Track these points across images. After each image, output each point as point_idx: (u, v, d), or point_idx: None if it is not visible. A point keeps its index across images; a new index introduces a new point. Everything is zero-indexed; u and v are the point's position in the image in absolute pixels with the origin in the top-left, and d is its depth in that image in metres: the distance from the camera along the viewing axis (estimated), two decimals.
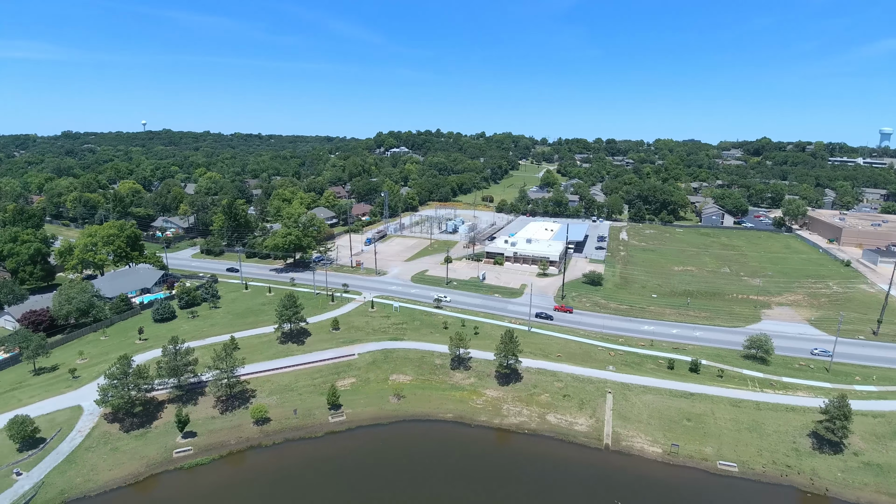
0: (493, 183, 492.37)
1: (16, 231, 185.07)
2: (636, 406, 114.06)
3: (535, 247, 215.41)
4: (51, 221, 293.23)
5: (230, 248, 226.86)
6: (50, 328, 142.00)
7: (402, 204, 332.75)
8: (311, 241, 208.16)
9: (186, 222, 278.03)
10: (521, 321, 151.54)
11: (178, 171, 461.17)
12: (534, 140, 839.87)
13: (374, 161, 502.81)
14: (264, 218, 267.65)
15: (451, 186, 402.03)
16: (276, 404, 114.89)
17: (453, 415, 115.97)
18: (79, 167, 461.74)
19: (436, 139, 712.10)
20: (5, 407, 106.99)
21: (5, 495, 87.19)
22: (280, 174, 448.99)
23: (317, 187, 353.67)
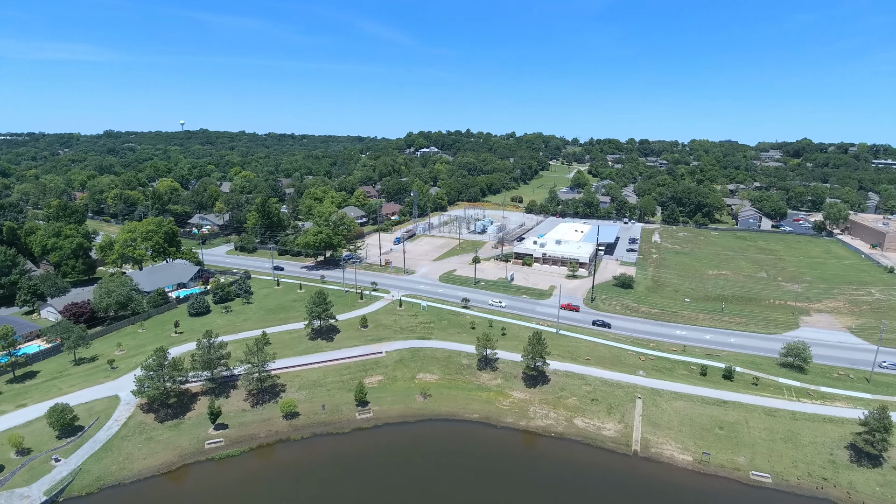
0: (522, 183, 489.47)
1: (59, 226, 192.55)
2: (667, 412, 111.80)
3: (564, 248, 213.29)
4: (93, 217, 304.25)
5: (263, 245, 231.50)
6: (90, 320, 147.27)
7: (431, 204, 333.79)
8: (342, 240, 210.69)
9: (222, 220, 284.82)
10: (550, 323, 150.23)
11: (214, 169, 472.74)
12: (564, 140, 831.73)
13: (404, 161, 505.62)
14: (296, 216, 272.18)
15: (481, 186, 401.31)
16: (305, 399, 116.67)
17: (479, 415, 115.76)
18: (120, 165, 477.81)
19: (465, 139, 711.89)
20: (46, 395, 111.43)
21: (44, 480, 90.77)
22: (312, 173, 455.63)
23: (347, 187, 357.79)
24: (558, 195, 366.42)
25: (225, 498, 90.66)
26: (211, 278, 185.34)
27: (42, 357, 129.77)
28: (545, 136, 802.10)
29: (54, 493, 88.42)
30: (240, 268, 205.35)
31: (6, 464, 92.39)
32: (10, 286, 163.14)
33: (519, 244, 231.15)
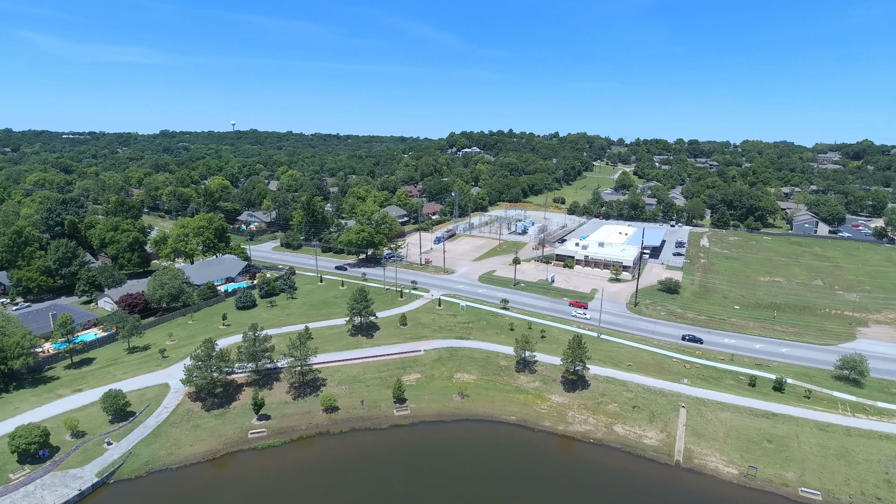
0: (565, 184, 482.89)
1: (117, 220, 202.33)
2: (712, 423, 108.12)
3: (607, 251, 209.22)
4: (148, 213, 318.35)
5: (307, 242, 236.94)
6: (144, 311, 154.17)
7: (472, 204, 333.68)
8: (383, 238, 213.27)
9: (269, 217, 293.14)
10: (591, 326, 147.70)
11: (262, 168, 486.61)
12: (609, 140, 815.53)
13: (446, 161, 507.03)
14: (339, 215, 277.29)
15: (522, 187, 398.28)
16: (345, 394, 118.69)
17: (516, 417, 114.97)
18: (174, 164, 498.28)
19: (508, 139, 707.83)
20: (101, 381, 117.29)
21: (96, 462, 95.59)
22: (356, 173, 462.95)
23: (390, 186, 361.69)
24: (602, 196, 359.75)
25: (266, 488, 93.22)
26: (258, 273, 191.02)
27: (98, 345, 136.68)
28: (589, 136, 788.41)
29: (105, 475, 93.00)
30: (285, 264, 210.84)
31: (62, 445, 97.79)
32: (71, 277, 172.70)
33: (560, 246, 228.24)
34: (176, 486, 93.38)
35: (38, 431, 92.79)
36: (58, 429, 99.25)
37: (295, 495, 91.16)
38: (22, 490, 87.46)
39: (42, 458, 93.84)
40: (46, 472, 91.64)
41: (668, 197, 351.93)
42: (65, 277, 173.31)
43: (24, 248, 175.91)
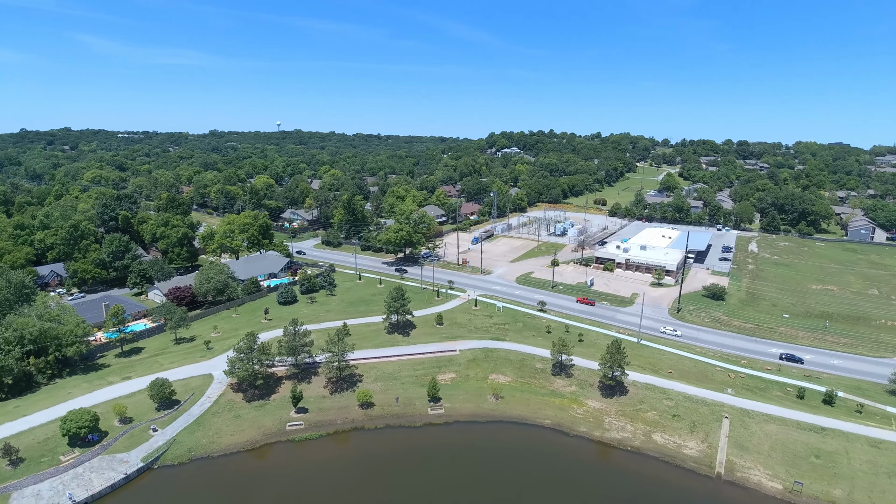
0: (606, 185, 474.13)
1: (167, 217, 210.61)
2: (756, 435, 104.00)
3: (649, 254, 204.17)
4: (197, 209, 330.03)
5: (347, 240, 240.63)
6: (191, 303, 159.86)
7: (511, 204, 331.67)
8: (421, 238, 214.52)
9: (311, 215, 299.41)
10: (631, 332, 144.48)
11: (305, 167, 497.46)
12: (654, 141, 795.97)
13: (485, 161, 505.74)
14: (379, 213, 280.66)
15: (562, 188, 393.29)
16: (380, 391, 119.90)
17: (551, 421, 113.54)
18: (222, 162, 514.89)
19: (548, 140, 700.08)
20: (149, 370, 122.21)
21: (142, 448, 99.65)
22: (395, 172, 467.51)
23: (429, 186, 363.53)
24: (645, 198, 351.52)
25: (303, 479, 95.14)
26: (299, 270, 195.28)
27: (147, 335, 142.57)
28: (633, 136, 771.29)
29: (150, 460, 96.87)
30: (325, 261, 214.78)
31: (110, 430, 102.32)
32: (123, 269, 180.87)
33: (601, 248, 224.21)
34: (216, 474, 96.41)
35: (88, 416, 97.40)
36: (107, 414, 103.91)
37: (330, 488, 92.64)
38: (71, 472, 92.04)
39: (91, 441, 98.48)
40: (95, 456, 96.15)
41: (715, 200, 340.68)
42: (118, 270, 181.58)
43: (81, 241, 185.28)
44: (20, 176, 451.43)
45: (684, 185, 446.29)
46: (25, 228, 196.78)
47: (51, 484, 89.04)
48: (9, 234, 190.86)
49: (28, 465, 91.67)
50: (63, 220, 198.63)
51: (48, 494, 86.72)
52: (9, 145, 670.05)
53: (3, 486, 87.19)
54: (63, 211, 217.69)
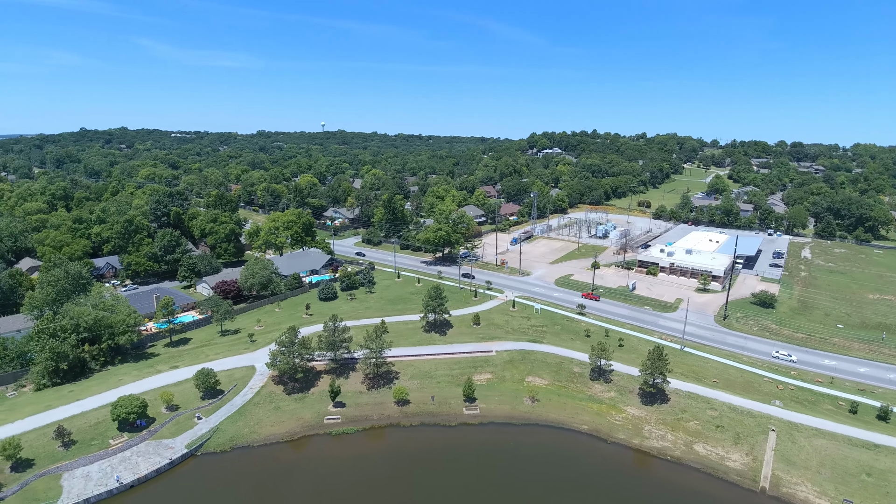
0: (651, 187, 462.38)
1: (216, 213, 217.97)
2: (804, 450, 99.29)
3: (695, 258, 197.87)
4: (244, 207, 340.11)
5: (387, 239, 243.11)
6: (236, 297, 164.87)
7: (551, 205, 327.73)
8: (460, 238, 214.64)
9: (352, 213, 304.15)
10: (674, 338, 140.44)
11: (348, 167, 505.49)
12: (702, 142, 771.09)
13: (526, 161, 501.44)
14: (418, 213, 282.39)
15: (605, 189, 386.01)
16: (416, 388, 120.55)
17: (588, 427, 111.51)
18: (269, 161, 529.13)
19: (591, 140, 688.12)
20: (195, 360, 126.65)
21: (186, 435, 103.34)
22: (436, 172, 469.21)
23: (468, 186, 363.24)
24: (692, 201, 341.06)
25: (340, 472, 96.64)
26: (339, 267, 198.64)
27: (195, 326, 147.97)
28: (680, 136, 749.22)
29: (194, 447, 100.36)
30: (365, 259, 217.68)
31: (157, 417, 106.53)
32: (174, 263, 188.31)
33: (644, 251, 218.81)
34: (256, 463, 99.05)
35: (137, 402, 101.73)
36: (155, 401, 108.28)
37: (366, 483, 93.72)
38: (119, 455, 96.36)
39: (139, 427, 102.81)
40: (142, 441, 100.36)
41: (767, 203, 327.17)
42: (168, 263, 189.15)
43: (135, 235, 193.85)
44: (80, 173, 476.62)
45: (734, 187, 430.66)
46: (83, 222, 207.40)
47: (100, 466, 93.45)
48: (68, 228, 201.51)
49: (79, 447, 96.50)
50: (118, 215, 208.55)
51: (97, 476, 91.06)
52: (70, 143, 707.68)
53: (55, 466, 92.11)
54: (119, 206, 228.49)
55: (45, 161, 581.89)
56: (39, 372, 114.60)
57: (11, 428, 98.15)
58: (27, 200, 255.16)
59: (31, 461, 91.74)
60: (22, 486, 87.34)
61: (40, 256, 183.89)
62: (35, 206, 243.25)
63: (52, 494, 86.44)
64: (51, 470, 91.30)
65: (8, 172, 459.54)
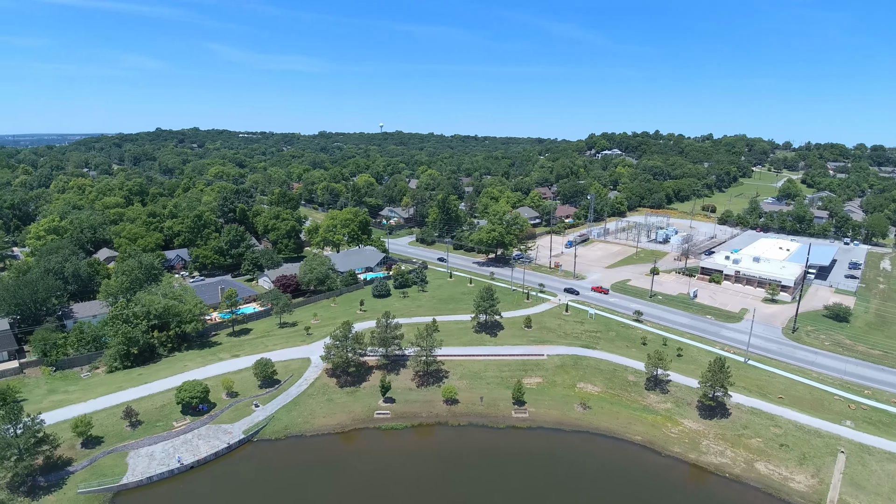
0: (717, 191, 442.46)
1: (278, 210, 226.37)
2: (876, 475, 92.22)
3: (763, 267, 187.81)
4: (304, 205, 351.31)
5: (440, 238, 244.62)
6: (295, 291, 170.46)
7: (609, 208, 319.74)
8: (513, 239, 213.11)
9: (407, 213, 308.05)
10: (737, 350, 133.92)
11: (404, 167, 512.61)
12: (773, 144, 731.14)
13: (584, 163, 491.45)
14: (472, 213, 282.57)
15: (666, 192, 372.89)
16: (465, 388, 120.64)
17: (642, 438, 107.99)
18: (329, 161, 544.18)
19: (653, 141, 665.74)
20: (255, 350, 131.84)
21: (244, 421, 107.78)
22: (491, 173, 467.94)
23: (523, 187, 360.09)
24: (761, 206, 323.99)
25: (387, 467, 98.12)
26: (393, 265, 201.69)
27: (255, 318, 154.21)
28: (749, 138, 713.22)
29: (251, 433, 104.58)
30: (418, 258, 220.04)
31: (218, 402, 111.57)
32: (238, 257, 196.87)
33: (707, 258, 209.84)
34: (308, 452, 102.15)
35: (200, 388, 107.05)
36: (216, 387, 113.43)
37: (413, 479, 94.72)
38: (181, 437, 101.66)
39: (201, 411, 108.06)
40: (203, 425, 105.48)
41: (843, 210, 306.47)
42: (233, 257, 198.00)
43: (203, 229, 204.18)
44: (154, 170, 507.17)
45: (807, 192, 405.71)
46: (157, 216, 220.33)
47: (163, 446, 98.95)
48: (143, 221, 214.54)
49: (145, 428, 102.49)
50: (189, 210, 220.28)
51: (160, 456, 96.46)
52: (146, 142, 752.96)
53: (122, 444, 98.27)
54: (189, 202, 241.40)
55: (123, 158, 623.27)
56: (112, 355, 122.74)
57: (84, 407, 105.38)
58: (106, 195, 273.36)
59: (100, 438, 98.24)
60: (91, 462, 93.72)
61: (117, 247, 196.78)
62: (113, 200, 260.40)
63: (118, 471, 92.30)
64: (118, 448, 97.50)
65: (90, 168, 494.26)
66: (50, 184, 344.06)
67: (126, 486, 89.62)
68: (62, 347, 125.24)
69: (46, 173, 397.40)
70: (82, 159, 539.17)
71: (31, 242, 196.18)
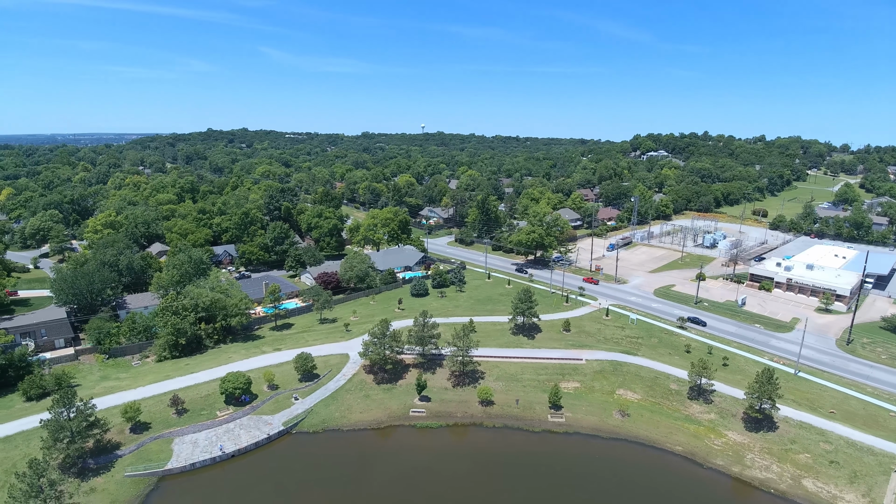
0: (769, 194, 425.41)
1: (321, 209, 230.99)
2: None
3: (817, 275, 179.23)
4: (346, 204, 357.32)
5: (479, 239, 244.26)
6: (335, 288, 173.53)
7: (654, 211, 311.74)
8: (553, 241, 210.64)
9: (446, 213, 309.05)
10: (787, 361, 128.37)
11: (445, 168, 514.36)
12: (830, 146, 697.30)
13: (628, 164, 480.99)
14: (512, 215, 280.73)
15: (715, 195, 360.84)
16: (501, 390, 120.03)
17: (683, 448, 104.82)
18: (371, 161, 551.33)
19: (701, 142, 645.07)
20: (296, 344, 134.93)
21: (284, 413, 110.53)
22: (531, 174, 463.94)
23: (565, 189, 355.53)
24: (815, 211, 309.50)
25: (421, 465, 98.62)
26: (432, 265, 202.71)
27: (297, 313, 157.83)
28: (804, 140, 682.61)
29: (290, 425, 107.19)
30: (457, 258, 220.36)
31: (260, 394, 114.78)
32: (282, 253, 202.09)
33: (757, 264, 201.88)
34: (344, 446, 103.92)
35: (243, 379, 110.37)
36: (258, 379, 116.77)
37: (446, 478, 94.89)
38: (224, 426, 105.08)
39: (243, 402, 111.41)
40: (245, 415, 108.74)
41: None
42: (277, 254, 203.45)
43: (250, 226, 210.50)
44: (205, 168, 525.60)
45: (866, 197, 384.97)
46: (206, 213, 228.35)
47: (206, 434, 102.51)
48: (193, 218, 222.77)
49: (190, 416, 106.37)
50: (237, 207, 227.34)
51: (203, 443, 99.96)
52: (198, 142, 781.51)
53: (168, 431, 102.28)
54: (237, 200, 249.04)
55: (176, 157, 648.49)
56: (161, 345, 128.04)
57: (134, 393, 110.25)
58: (160, 192, 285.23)
59: (147, 424, 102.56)
60: (138, 447, 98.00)
61: (168, 242, 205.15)
62: (166, 196, 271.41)
63: (163, 456, 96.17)
64: (164, 434, 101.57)
65: (145, 166, 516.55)
66: (107, 180, 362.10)
67: (170, 471, 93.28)
68: (115, 336, 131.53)
69: (104, 170, 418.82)
70: (138, 157, 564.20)
71: (89, 236, 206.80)
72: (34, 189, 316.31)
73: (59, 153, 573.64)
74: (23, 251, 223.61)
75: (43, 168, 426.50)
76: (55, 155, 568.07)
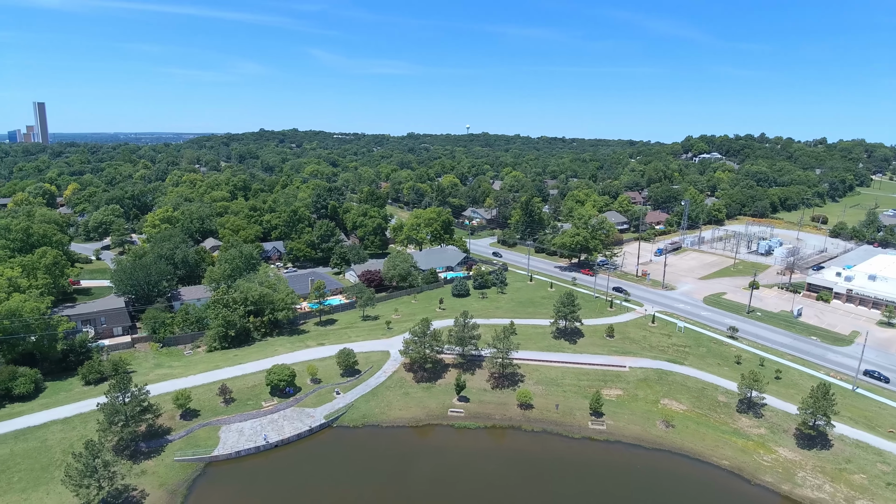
0: (830, 200, 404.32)
1: (367, 208, 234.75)
2: None
3: (880, 286, 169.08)
4: (391, 203, 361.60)
5: (522, 241, 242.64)
6: (378, 286, 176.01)
7: (705, 216, 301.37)
8: (598, 244, 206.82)
9: (490, 214, 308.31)
10: (844, 377, 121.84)
11: (489, 168, 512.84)
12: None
13: (678, 167, 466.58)
14: (556, 217, 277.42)
15: (771, 200, 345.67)
16: (541, 394, 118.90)
17: (730, 463, 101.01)
18: (416, 162, 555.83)
19: (758, 145, 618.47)
20: (339, 340, 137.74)
21: (325, 407, 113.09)
22: (577, 176, 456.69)
23: (612, 191, 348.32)
24: (880, 218, 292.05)
25: (458, 465, 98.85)
26: (474, 266, 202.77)
27: (341, 309, 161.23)
28: (869, 143, 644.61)
29: (331, 419, 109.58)
30: (499, 259, 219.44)
31: (303, 387, 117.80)
32: (328, 251, 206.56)
33: (815, 273, 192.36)
34: (383, 442, 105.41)
35: (288, 372, 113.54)
36: (302, 373, 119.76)
37: (482, 480, 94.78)
38: (269, 417, 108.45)
39: (287, 394, 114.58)
40: (288, 407, 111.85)
41: None
42: (323, 251, 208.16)
43: (298, 224, 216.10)
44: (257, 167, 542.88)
45: None
46: (257, 210, 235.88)
47: (252, 424, 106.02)
48: (244, 215, 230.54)
49: (237, 405, 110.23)
50: (286, 205, 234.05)
51: (249, 432, 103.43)
52: (251, 142, 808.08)
53: (216, 419, 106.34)
54: (286, 198, 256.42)
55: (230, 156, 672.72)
56: (212, 336, 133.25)
57: (185, 381, 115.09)
58: (214, 189, 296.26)
59: (197, 412, 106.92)
60: (188, 433, 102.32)
61: (221, 238, 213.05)
62: (220, 194, 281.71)
63: (210, 443, 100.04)
64: (212, 422, 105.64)
65: (201, 165, 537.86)
66: (165, 178, 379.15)
67: (217, 457, 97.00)
68: (169, 326, 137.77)
69: (163, 168, 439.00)
70: (194, 156, 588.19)
71: (147, 230, 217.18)
72: (98, 185, 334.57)
73: (122, 151, 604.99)
74: (86, 243, 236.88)
75: (106, 165, 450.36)
76: (118, 153, 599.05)
